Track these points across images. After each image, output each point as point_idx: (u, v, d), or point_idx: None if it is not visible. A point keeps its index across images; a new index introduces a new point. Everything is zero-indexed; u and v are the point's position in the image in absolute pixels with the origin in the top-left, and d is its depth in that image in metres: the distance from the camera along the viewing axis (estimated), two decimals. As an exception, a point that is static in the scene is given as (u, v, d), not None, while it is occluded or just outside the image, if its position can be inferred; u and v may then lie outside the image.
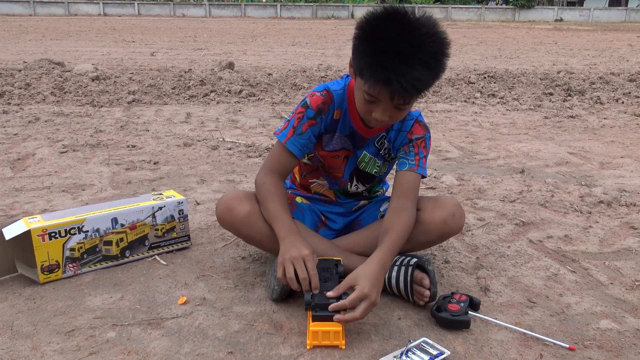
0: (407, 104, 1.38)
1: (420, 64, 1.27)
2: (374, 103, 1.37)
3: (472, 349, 1.32)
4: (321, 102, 1.54)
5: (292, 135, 1.53)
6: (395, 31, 1.27)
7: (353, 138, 1.61)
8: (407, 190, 1.54)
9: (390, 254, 1.42)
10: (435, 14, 32.10)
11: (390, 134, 1.61)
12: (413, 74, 1.26)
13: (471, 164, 2.98)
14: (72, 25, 17.89)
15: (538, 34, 16.75)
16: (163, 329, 1.39)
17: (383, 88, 1.30)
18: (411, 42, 1.26)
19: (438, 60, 1.31)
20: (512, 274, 1.70)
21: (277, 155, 1.57)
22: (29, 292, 1.57)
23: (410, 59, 1.26)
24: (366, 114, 1.43)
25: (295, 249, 1.37)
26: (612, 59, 8.96)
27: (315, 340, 1.31)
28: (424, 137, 1.60)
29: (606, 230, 2.05)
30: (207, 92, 4.99)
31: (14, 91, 4.77)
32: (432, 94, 5.19)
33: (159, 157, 2.96)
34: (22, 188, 2.44)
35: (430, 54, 1.28)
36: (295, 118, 1.55)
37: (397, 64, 1.26)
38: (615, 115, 4.35)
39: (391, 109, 1.38)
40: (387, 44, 1.27)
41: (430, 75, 1.31)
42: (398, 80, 1.26)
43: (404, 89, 1.28)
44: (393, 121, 1.48)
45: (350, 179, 1.70)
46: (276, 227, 1.45)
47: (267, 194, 1.50)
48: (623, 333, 1.39)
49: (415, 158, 1.57)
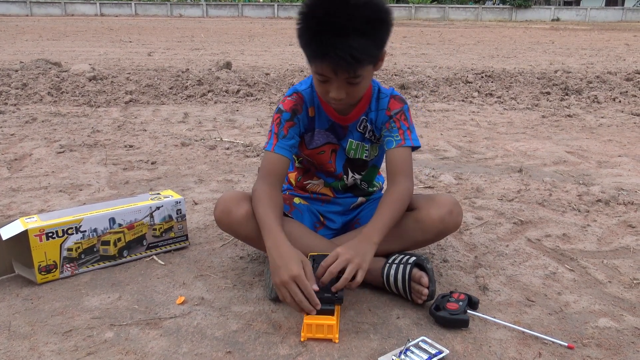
0: (356, 76, 1.36)
1: (355, 32, 1.27)
2: (327, 82, 1.39)
3: (471, 348, 1.31)
4: (293, 104, 1.57)
5: (277, 140, 1.56)
6: (327, 6, 1.29)
7: (334, 130, 1.63)
8: (399, 166, 1.54)
9: (377, 227, 1.43)
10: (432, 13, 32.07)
11: (370, 115, 1.62)
12: (349, 44, 1.27)
13: (469, 163, 2.98)
14: (68, 26, 17.85)
15: (535, 34, 16.78)
16: (161, 329, 1.38)
17: (324, 63, 1.32)
18: (343, 12, 1.26)
19: (374, 27, 1.31)
20: (510, 273, 1.70)
21: (267, 161, 1.57)
22: (27, 292, 1.56)
23: (343, 29, 1.26)
24: (324, 95, 1.45)
25: (283, 271, 1.31)
26: (609, 58, 8.98)
27: (309, 332, 1.32)
28: (402, 110, 1.59)
29: (604, 229, 2.05)
30: (204, 92, 4.98)
31: (10, 91, 4.75)
32: (429, 93, 5.20)
33: (157, 157, 2.96)
34: (19, 188, 2.43)
35: (365, 21, 1.28)
36: (274, 125, 1.57)
37: (331, 37, 1.27)
38: (612, 114, 4.36)
39: (344, 85, 1.38)
40: (320, 20, 1.29)
41: (368, 42, 1.30)
42: (335, 53, 1.27)
43: (343, 60, 1.28)
44: (353, 98, 1.46)
45: (345, 171, 1.71)
46: (263, 234, 1.43)
47: (256, 201, 1.50)
48: (621, 331, 1.39)
49: (399, 133, 1.57)
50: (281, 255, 1.35)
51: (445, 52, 10.01)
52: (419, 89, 5.36)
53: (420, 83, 5.61)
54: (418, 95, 5.10)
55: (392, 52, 9.89)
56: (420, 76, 5.97)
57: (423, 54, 9.59)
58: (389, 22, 1.35)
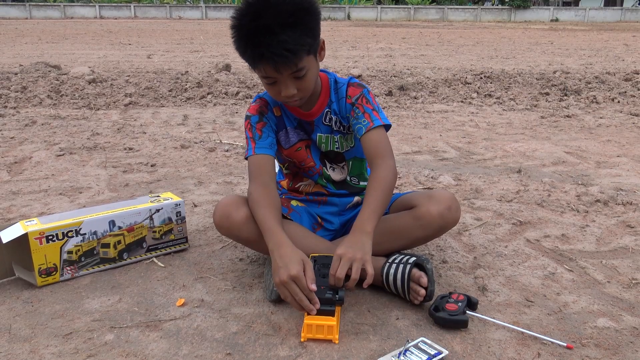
0: (299, 69, 1.40)
1: (283, 27, 1.32)
2: (275, 83, 1.44)
3: (470, 349, 1.32)
4: (258, 107, 1.64)
5: (255, 143, 1.60)
6: (251, 10, 1.34)
7: (302, 126, 1.67)
8: (374, 149, 1.55)
9: (367, 216, 1.43)
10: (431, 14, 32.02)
11: (333, 107, 1.64)
12: (280, 39, 1.31)
13: (468, 164, 2.99)
14: (68, 29, 17.86)
15: (534, 34, 16.80)
16: (161, 331, 1.39)
17: (264, 65, 1.37)
18: (267, 12, 1.32)
19: (299, 17, 1.35)
20: (509, 274, 1.71)
21: (253, 165, 1.58)
22: (27, 295, 1.56)
23: (270, 27, 1.31)
24: (277, 96, 1.49)
25: (283, 270, 1.33)
26: (608, 59, 8.99)
27: (310, 333, 1.33)
28: (362, 94, 1.61)
29: (603, 229, 2.06)
30: (203, 94, 4.99)
31: (10, 94, 4.76)
32: (428, 94, 5.20)
33: (156, 160, 2.96)
34: (19, 191, 2.43)
35: (289, 14, 1.32)
36: (247, 131, 1.62)
37: (262, 38, 1.32)
38: (611, 115, 4.36)
39: (291, 80, 1.42)
40: (247, 26, 1.34)
41: (297, 33, 1.34)
42: (269, 51, 1.32)
43: (279, 56, 1.33)
44: (305, 92, 1.48)
45: (323, 163, 1.73)
46: (264, 236, 1.45)
47: (254, 203, 1.51)
48: (620, 331, 1.40)
49: (365, 117, 1.58)
50: (282, 255, 1.36)
51: (444, 53, 10.03)
52: (418, 90, 5.36)
53: (419, 84, 5.61)
54: (417, 96, 5.11)
55: (391, 53, 9.91)
56: (419, 77, 5.97)
57: (422, 55, 9.60)
58: (314, 11, 1.39)
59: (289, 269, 1.32)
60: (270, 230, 1.43)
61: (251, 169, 1.58)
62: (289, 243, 1.40)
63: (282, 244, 1.39)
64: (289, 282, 1.32)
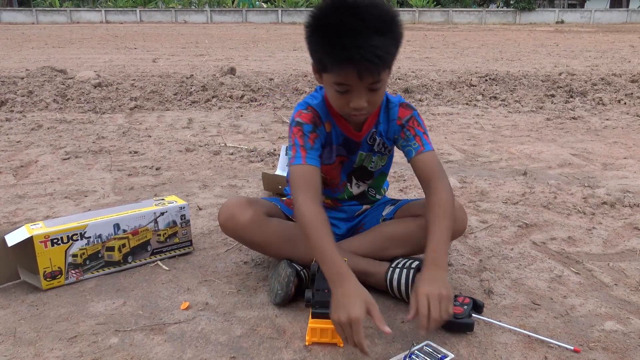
0: (378, 81, 1.33)
1: (374, 31, 1.26)
2: (347, 92, 1.35)
3: (476, 352, 1.31)
4: (312, 117, 1.51)
5: (306, 152, 1.46)
6: (339, 12, 1.27)
7: (347, 145, 1.60)
8: (429, 172, 1.50)
9: (440, 249, 1.37)
10: (436, 17, 31.90)
11: (380, 128, 1.59)
12: (371, 42, 1.25)
13: (473, 166, 2.98)
14: (74, 33, 17.98)
15: (539, 36, 16.75)
16: (166, 335, 1.39)
17: (349, 67, 1.28)
18: (357, 15, 1.25)
19: (389, 25, 1.30)
20: (515, 276, 1.69)
21: (302, 175, 1.44)
22: (32, 298, 1.57)
23: (362, 30, 1.25)
24: (344, 108, 1.40)
25: (344, 311, 1.22)
26: (614, 60, 8.95)
27: (314, 337, 1.32)
28: (413, 116, 1.57)
29: (610, 232, 2.04)
30: (208, 97, 5.00)
31: (16, 99, 4.79)
32: (433, 97, 5.20)
33: (161, 163, 2.97)
34: (24, 195, 2.44)
35: (380, 20, 1.27)
36: (297, 138, 1.48)
37: (352, 39, 1.25)
38: (617, 116, 4.34)
39: (365, 92, 1.35)
40: (335, 26, 1.27)
41: (387, 41, 1.29)
42: (359, 53, 1.24)
43: (368, 60, 1.25)
44: (373, 107, 1.41)
45: (349, 179, 1.70)
46: (321, 264, 1.32)
47: (307, 224, 1.35)
48: (628, 334, 1.38)
49: (416, 139, 1.54)
50: (345, 294, 1.25)
51: (449, 56, 10.01)
52: (423, 93, 5.36)
53: (424, 87, 5.61)
54: (422, 99, 5.10)
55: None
56: (424, 80, 5.97)
57: (427, 58, 9.59)
58: (400, 23, 1.34)
59: (350, 311, 1.21)
60: (331, 260, 1.30)
61: (299, 179, 1.44)
62: (352, 278, 1.28)
63: (345, 278, 1.27)
64: (347, 325, 1.22)
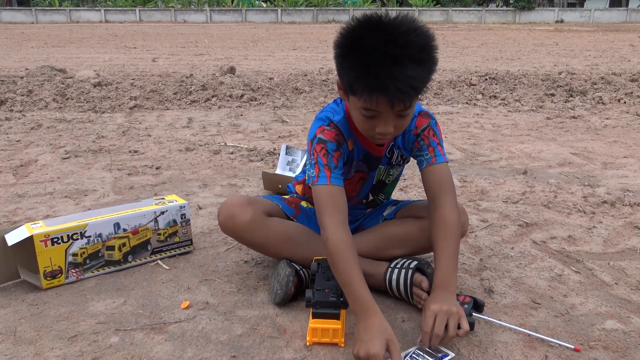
0: (407, 108, 1.28)
1: (412, 61, 1.20)
2: (374, 117, 1.29)
3: (477, 351, 1.31)
4: (335, 134, 1.45)
5: (331, 172, 1.41)
6: (377, 36, 1.21)
7: (368, 160, 1.56)
8: (437, 186, 1.47)
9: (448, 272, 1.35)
10: (435, 16, 31.88)
11: (397, 140, 1.56)
12: (407, 73, 1.19)
13: (473, 165, 2.98)
14: (73, 33, 17.97)
15: (539, 35, 16.75)
16: (166, 334, 1.39)
17: (380, 97, 1.22)
18: (396, 42, 1.19)
19: (428, 53, 1.24)
20: (516, 275, 1.69)
21: (328, 196, 1.40)
22: (32, 297, 1.57)
23: (399, 59, 1.19)
24: (369, 131, 1.34)
25: (364, 347, 1.20)
26: (614, 59, 8.95)
27: (315, 337, 1.32)
28: (429, 125, 1.51)
29: (610, 231, 2.04)
30: (208, 97, 5.00)
31: (16, 98, 4.78)
32: (433, 96, 5.19)
33: (161, 162, 2.97)
34: (24, 194, 2.44)
35: (419, 48, 1.21)
36: (320, 157, 1.42)
37: (388, 68, 1.19)
38: (617, 116, 4.34)
39: (394, 118, 1.29)
40: (372, 51, 1.20)
41: (425, 70, 1.24)
42: (393, 84, 1.19)
43: (402, 92, 1.20)
44: (398, 131, 1.36)
45: (366, 196, 1.69)
46: (347, 295, 1.31)
47: (334, 250, 1.33)
48: (628, 333, 1.38)
49: (429, 150, 1.50)
50: (367, 328, 1.23)
51: (449, 55, 10.01)
52: (423, 92, 5.35)
53: (424, 86, 5.60)
54: (422, 98, 5.09)
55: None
56: (423, 79, 5.96)
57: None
58: (437, 47, 1.28)
59: (370, 346, 1.19)
60: (357, 293, 1.28)
61: (326, 201, 1.40)
62: (377, 313, 1.26)
63: (370, 313, 1.26)
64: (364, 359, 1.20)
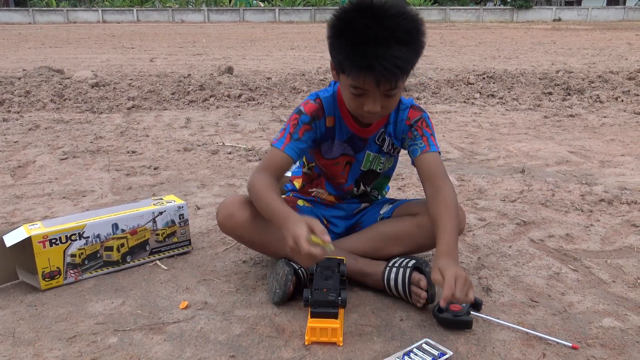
0: (394, 88, 1.35)
1: (397, 42, 1.27)
2: (362, 96, 1.37)
3: (475, 349, 1.31)
4: (315, 109, 1.54)
5: (290, 141, 1.51)
6: (366, 18, 1.28)
7: (352, 142, 1.60)
8: (433, 172, 1.53)
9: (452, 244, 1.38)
10: (433, 15, 31.86)
11: (389, 128, 1.60)
12: (392, 53, 1.26)
13: (471, 164, 2.98)
14: (71, 33, 17.94)
15: (536, 34, 16.77)
16: (165, 334, 1.39)
17: (367, 75, 1.30)
18: (383, 23, 1.27)
19: (414, 36, 1.31)
20: (513, 274, 1.70)
21: (273, 158, 1.51)
22: (30, 298, 1.57)
23: (385, 39, 1.26)
24: (357, 109, 1.42)
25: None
26: (611, 58, 8.96)
27: (314, 336, 1.32)
28: (422, 117, 1.58)
29: (607, 229, 2.05)
30: (206, 97, 4.99)
31: (13, 99, 4.77)
32: (431, 95, 5.20)
33: (159, 163, 2.97)
34: (22, 195, 2.44)
35: (405, 31, 1.29)
36: (290, 125, 1.53)
37: (374, 48, 1.26)
38: (615, 114, 4.35)
39: (381, 97, 1.36)
40: (360, 32, 1.28)
41: (410, 52, 1.30)
42: (379, 63, 1.26)
43: (387, 70, 1.27)
44: (386, 111, 1.45)
45: (357, 184, 1.70)
46: (272, 219, 1.39)
47: (259, 189, 1.44)
48: (626, 331, 1.39)
49: (422, 140, 1.55)
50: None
51: (447, 54, 10.02)
52: (421, 91, 5.36)
53: (422, 85, 5.61)
54: (420, 97, 5.10)
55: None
56: (421, 78, 5.97)
57: (424, 56, 9.49)
58: (425, 32, 1.35)
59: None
60: (277, 210, 1.37)
61: (268, 160, 1.52)
62: (294, 215, 1.33)
63: (288, 216, 1.33)
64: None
